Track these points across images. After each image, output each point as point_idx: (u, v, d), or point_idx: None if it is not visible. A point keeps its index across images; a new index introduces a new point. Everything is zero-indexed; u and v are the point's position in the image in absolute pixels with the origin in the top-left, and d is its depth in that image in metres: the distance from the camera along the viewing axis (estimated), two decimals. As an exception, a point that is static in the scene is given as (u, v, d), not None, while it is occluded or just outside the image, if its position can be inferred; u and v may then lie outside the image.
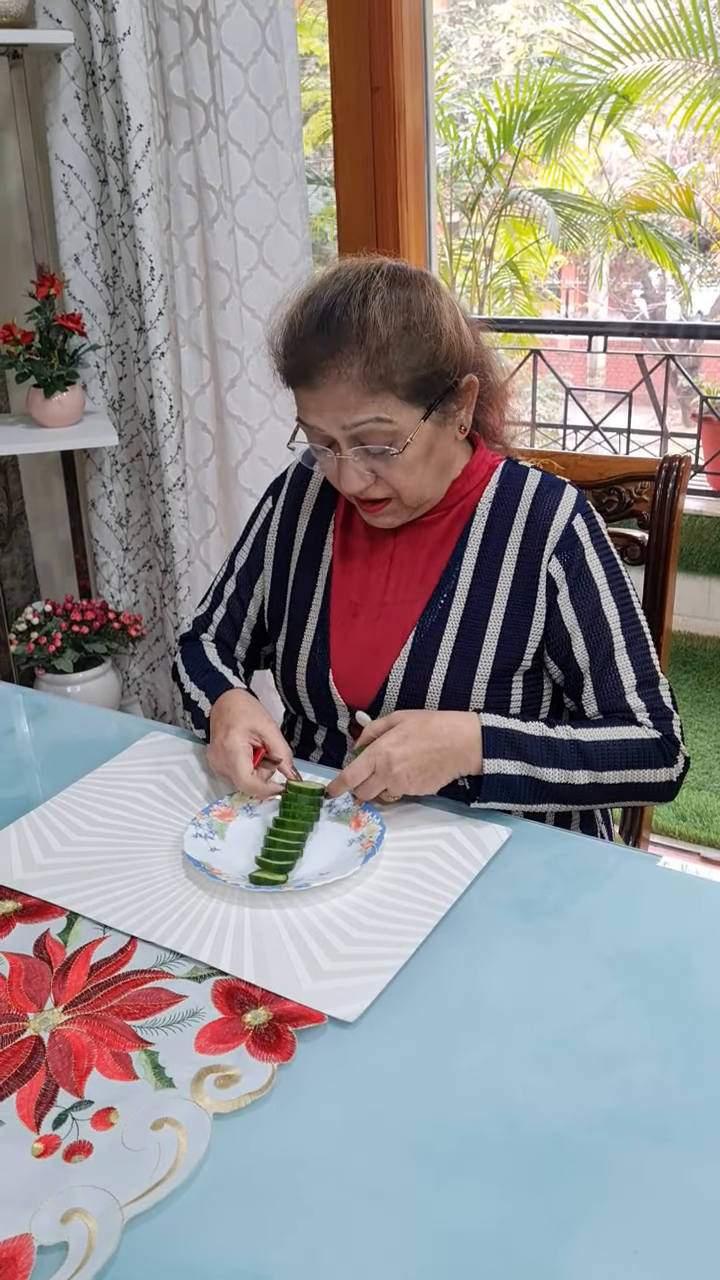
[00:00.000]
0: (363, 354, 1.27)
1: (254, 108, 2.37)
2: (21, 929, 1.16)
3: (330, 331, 1.28)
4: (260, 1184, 0.85)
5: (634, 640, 1.41)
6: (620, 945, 1.10)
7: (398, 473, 1.34)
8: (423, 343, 1.29)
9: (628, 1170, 0.85)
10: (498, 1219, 0.82)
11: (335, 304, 1.29)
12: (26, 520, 3.09)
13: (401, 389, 1.29)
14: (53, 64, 2.43)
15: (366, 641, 1.45)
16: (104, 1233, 0.81)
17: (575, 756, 1.33)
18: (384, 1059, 0.97)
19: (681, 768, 1.39)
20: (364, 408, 1.29)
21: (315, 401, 1.32)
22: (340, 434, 1.32)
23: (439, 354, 1.31)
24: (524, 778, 1.31)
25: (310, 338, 1.30)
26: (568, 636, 1.40)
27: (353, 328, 1.27)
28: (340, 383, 1.29)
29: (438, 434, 1.36)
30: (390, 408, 1.30)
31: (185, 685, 1.55)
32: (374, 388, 1.28)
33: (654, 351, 7.16)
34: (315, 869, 1.23)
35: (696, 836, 3.26)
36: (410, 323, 1.29)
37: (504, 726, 1.32)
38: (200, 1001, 1.04)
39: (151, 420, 2.54)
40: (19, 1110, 0.93)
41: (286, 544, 1.57)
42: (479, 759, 1.30)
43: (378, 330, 1.27)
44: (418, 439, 1.33)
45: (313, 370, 1.30)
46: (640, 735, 1.37)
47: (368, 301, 1.28)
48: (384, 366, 1.27)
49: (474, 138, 7.72)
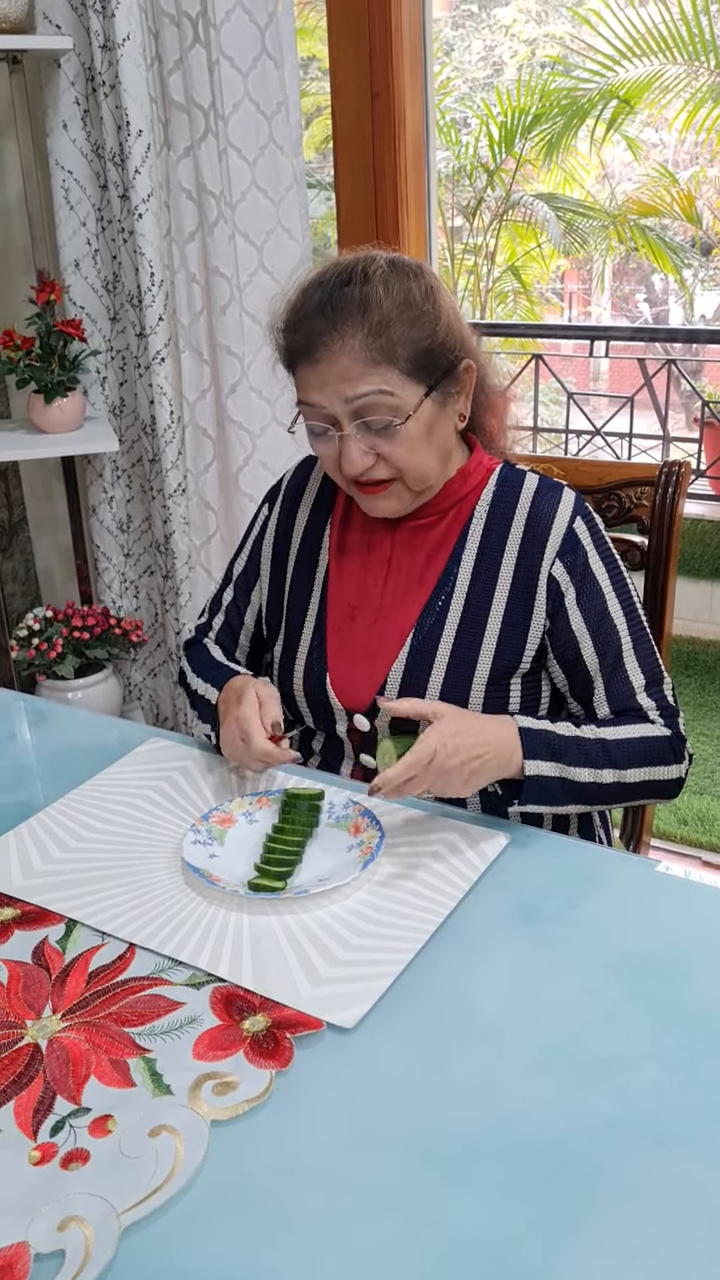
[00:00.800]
0: (365, 326, 1.29)
1: (254, 113, 2.37)
2: (20, 936, 1.16)
3: (333, 307, 1.31)
4: (258, 1191, 0.85)
5: (640, 640, 1.42)
6: (619, 950, 1.09)
7: (400, 450, 1.35)
8: (424, 318, 1.32)
9: (626, 1176, 0.85)
10: (496, 1225, 0.81)
11: (337, 282, 1.33)
12: (28, 526, 3.09)
13: (403, 362, 1.31)
14: (52, 69, 2.43)
15: (364, 645, 1.45)
16: (101, 1240, 0.81)
17: (602, 756, 1.33)
18: (382, 1065, 0.97)
19: (687, 763, 1.41)
20: (366, 379, 1.30)
21: (317, 376, 1.33)
22: (342, 409, 1.33)
23: (439, 329, 1.33)
24: (559, 779, 1.31)
25: (313, 313, 1.33)
26: (575, 640, 1.40)
27: (355, 302, 1.30)
28: (342, 355, 1.30)
29: (438, 415, 1.37)
30: (392, 380, 1.31)
31: (191, 683, 1.55)
32: (376, 359, 1.30)
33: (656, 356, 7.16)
34: (314, 875, 1.23)
35: (698, 841, 3.25)
36: (411, 299, 1.32)
37: (539, 727, 1.32)
38: (198, 1008, 1.04)
39: (152, 426, 2.54)
40: (16, 1118, 0.93)
41: (283, 549, 1.57)
42: (519, 761, 1.30)
43: (380, 304, 1.29)
44: (419, 415, 1.34)
45: (315, 344, 1.32)
46: (656, 733, 1.38)
47: (369, 279, 1.31)
48: (386, 339, 1.29)
49: (476, 142, 7.73)
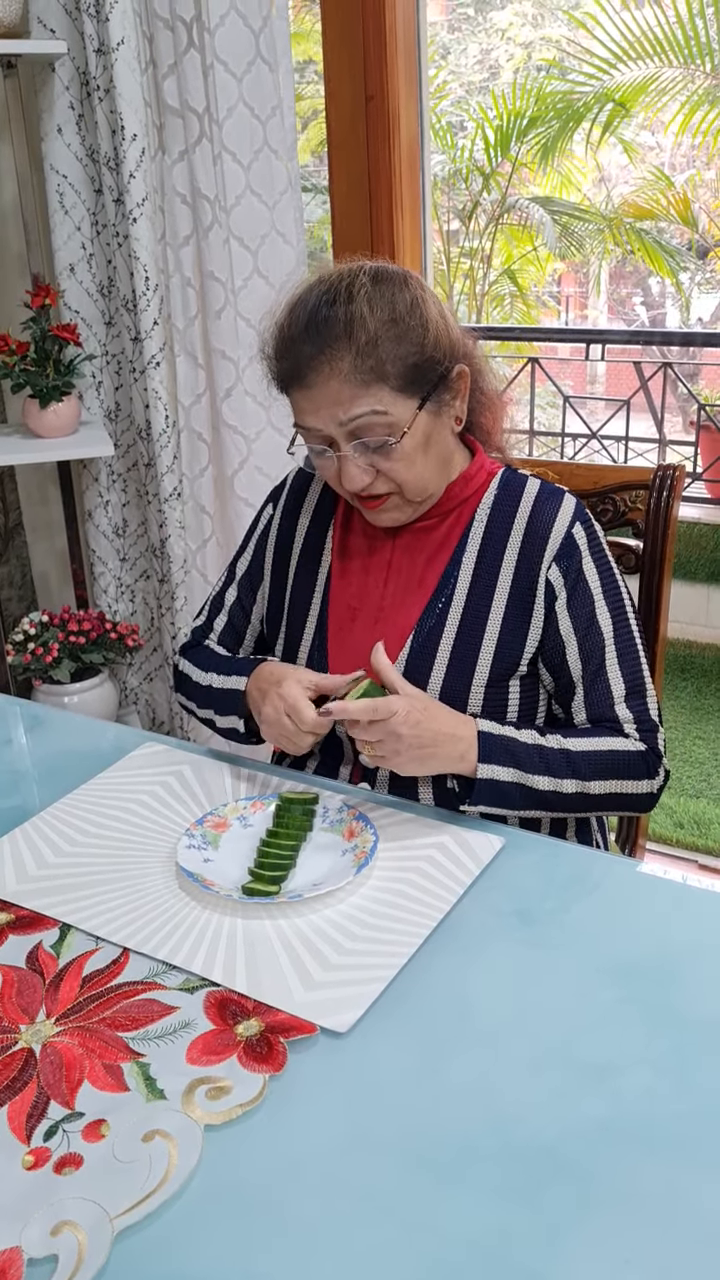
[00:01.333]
0: (352, 348, 1.29)
1: (248, 117, 2.38)
2: (14, 941, 1.15)
3: (319, 330, 1.30)
4: (251, 1195, 0.85)
5: (626, 650, 1.41)
6: (613, 954, 1.09)
7: (398, 465, 1.35)
8: (410, 332, 1.31)
9: (620, 1179, 0.85)
10: (490, 1228, 0.81)
11: (321, 304, 1.32)
12: (23, 530, 3.09)
13: (394, 379, 1.31)
14: (47, 74, 2.44)
15: (364, 646, 1.45)
16: (94, 1245, 0.81)
17: (564, 766, 1.34)
18: (376, 1069, 0.97)
19: (662, 780, 1.41)
20: (358, 401, 1.30)
21: (310, 401, 1.33)
22: (337, 431, 1.33)
23: (427, 343, 1.32)
24: (515, 784, 1.32)
25: (299, 338, 1.32)
26: (562, 644, 1.40)
27: (340, 324, 1.29)
28: (333, 378, 1.30)
29: (434, 424, 1.37)
30: (384, 399, 1.31)
31: (202, 681, 1.53)
32: (366, 380, 1.30)
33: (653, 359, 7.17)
34: (308, 879, 1.23)
35: (694, 844, 3.25)
36: (396, 314, 1.31)
37: (499, 733, 1.33)
38: (192, 1013, 1.03)
39: (147, 430, 2.54)
40: (10, 1122, 0.92)
41: (285, 549, 1.57)
42: (474, 760, 1.31)
43: (365, 324, 1.29)
44: (415, 429, 1.34)
45: (305, 369, 1.32)
46: (627, 747, 1.38)
47: (353, 298, 1.30)
48: (374, 358, 1.29)
49: (471, 145, 7.74)
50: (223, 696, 1.49)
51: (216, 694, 1.50)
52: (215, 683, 1.51)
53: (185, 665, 1.60)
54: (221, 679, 1.50)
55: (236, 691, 1.47)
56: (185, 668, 1.60)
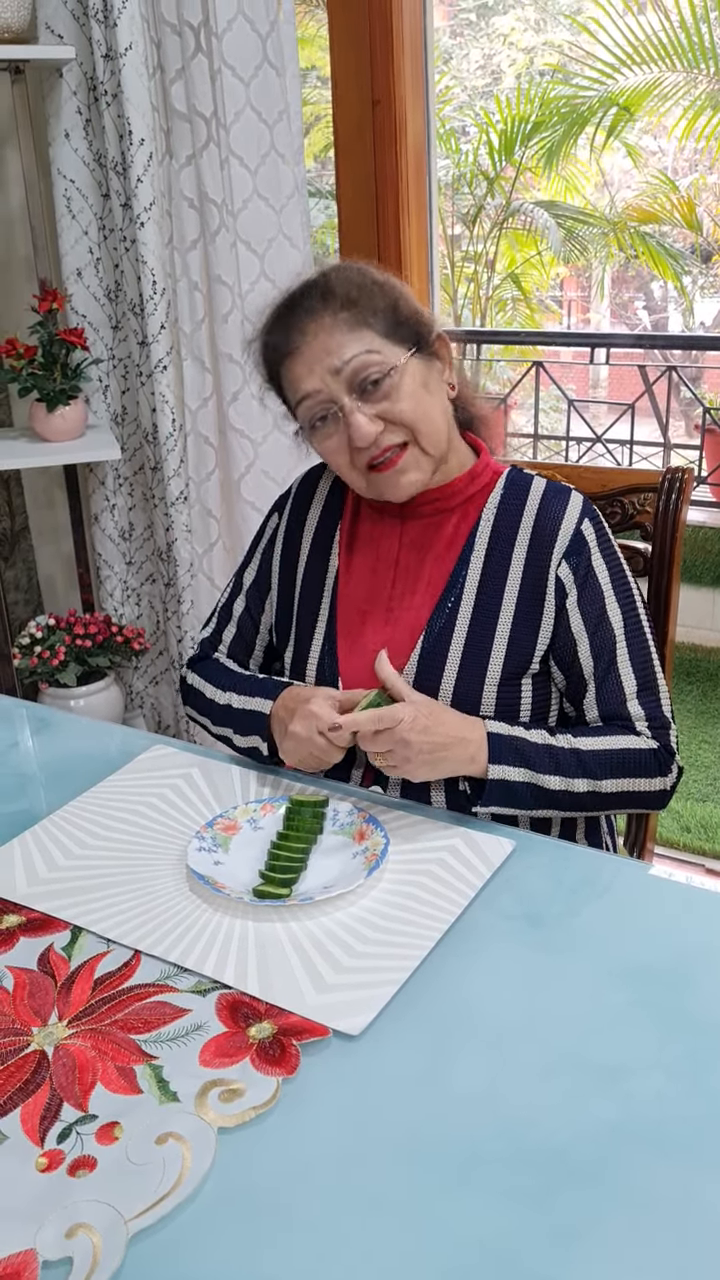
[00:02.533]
0: (333, 304, 1.38)
1: (255, 121, 2.38)
2: (25, 943, 1.16)
3: (298, 303, 1.40)
4: (265, 1198, 0.85)
5: (636, 646, 1.42)
6: (624, 957, 1.09)
7: (404, 405, 1.37)
8: (383, 292, 1.41)
9: (631, 1183, 0.85)
10: (502, 1232, 0.81)
11: (297, 289, 1.42)
12: (30, 534, 3.10)
13: (378, 325, 1.38)
14: (55, 79, 2.44)
15: (375, 647, 1.45)
16: (109, 1247, 0.81)
17: (575, 765, 1.34)
18: (388, 1072, 0.97)
19: (675, 777, 1.41)
20: (348, 344, 1.36)
21: (303, 362, 1.38)
22: (335, 383, 1.36)
23: (400, 303, 1.40)
24: (526, 784, 1.32)
25: (281, 315, 1.42)
26: (574, 641, 1.41)
27: (317, 292, 1.39)
28: (319, 333, 1.37)
29: (429, 373, 1.42)
30: (374, 341, 1.37)
31: (219, 699, 1.52)
32: (352, 325, 1.37)
33: (656, 363, 7.17)
34: (319, 882, 1.23)
35: (701, 848, 3.25)
36: (372, 280, 1.42)
37: (508, 733, 1.33)
38: (204, 1015, 1.04)
39: (154, 434, 2.54)
40: (23, 1125, 0.93)
41: (292, 556, 1.57)
42: (484, 761, 1.31)
43: (341, 287, 1.40)
44: (409, 370, 1.38)
45: (292, 333, 1.39)
46: (638, 745, 1.38)
47: (325, 276, 1.42)
48: (358, 309, 1.38)
49: (475, 150, 7.75)
50: (244, 717, 1.47)
51: (237, 714, 1.48)
52: (235, 702, 1.49)
53: (195, 680, 1.59)
54: (242, 699, 1.48)
55: (260, 714, 1.44)
56: (196, 682, 1.59)
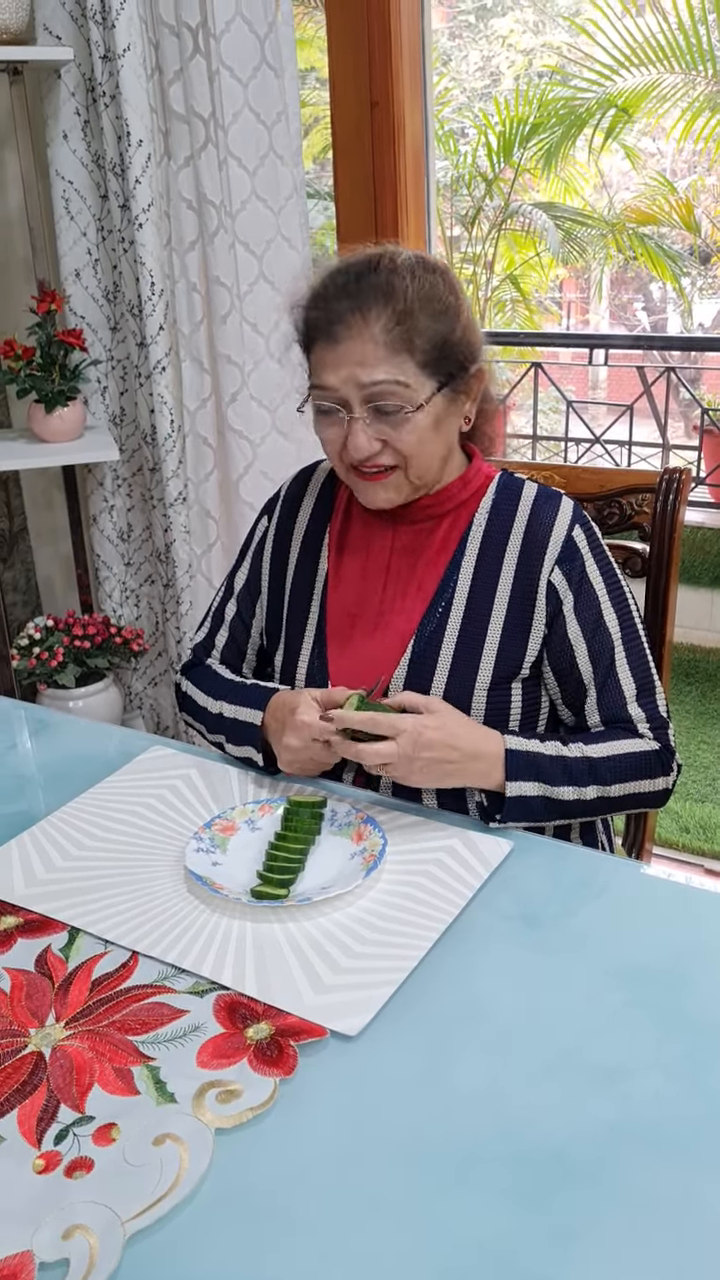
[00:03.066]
0: (389, 311, 1.31)
1: (254, 123, 2.38)
2: (23, 944, 1.16)
3: (359, 289, 1.33)
4: (262, 1199, 0.85)
5: (633, 649, 1.42)
6: (622, 957, 1.09)
7: (409, 438, 1.35)
8: (446, 313, 1.34)
9: (630, 1183, 0.85)
10: (500, 1233, 0.81)
11: (366, 268, 1.35)
12: (28, 535, 3.10)
13: (420, 354, 1.33)
14: (53, 80, 2.44)
15: (365, 651, 1.45)
16: (105, 1249, 0.81)
17: (586, 773, 1.34)
18: (386, 1073, 0.97)
19: (675, 775, 1.42)
20: (382, 366, 1.32)
21: (335, 356, 1.34)
22: (354, 393, 1.34)
23: (457, 330, 1.35)
24: (541, 798, 1.32)
25: (338, 293, 1.34)
26: (571, 648, 1.40)
27: (380, 287, 1.32)
28: (362, 339, 1.32)
29: (447, 412, 1.39)
30: (408, 371, 1.33)
31: (211, 707, 1.51)
32: (395, 347, 1.31)
33: (655, 364, 7.17)
34: (317, 883, 1.23)
35: (700, 849, 3.25)
36: (436, 292, 1.34)
37: (526, 749, 1.33)
38: (202, 1016, 1.03)
39: (153, 435, 2.54)
40: (20, 1126, 0.92)
41: (282, 558, 1.57)
42: (499, 778, 1.31)
43: (405, 292, 1.32)
44: (430, 407, 1.35)
45: (336, 324, 1.33)
46: (643, 747, 1.38)
47: (396, 268, 1.33)
48: (406, 330, 1.31)
49: (474, 152, 7.74)
50: (235, 727, 1.46)
51: (228, 724, 1.48)
52: (226, 711, 1.49)
53: (189, 687, 1.59)
54: (233, 709, 1.48)
55: (252, 726, 1.44)
56: (189, 689, 1.59)
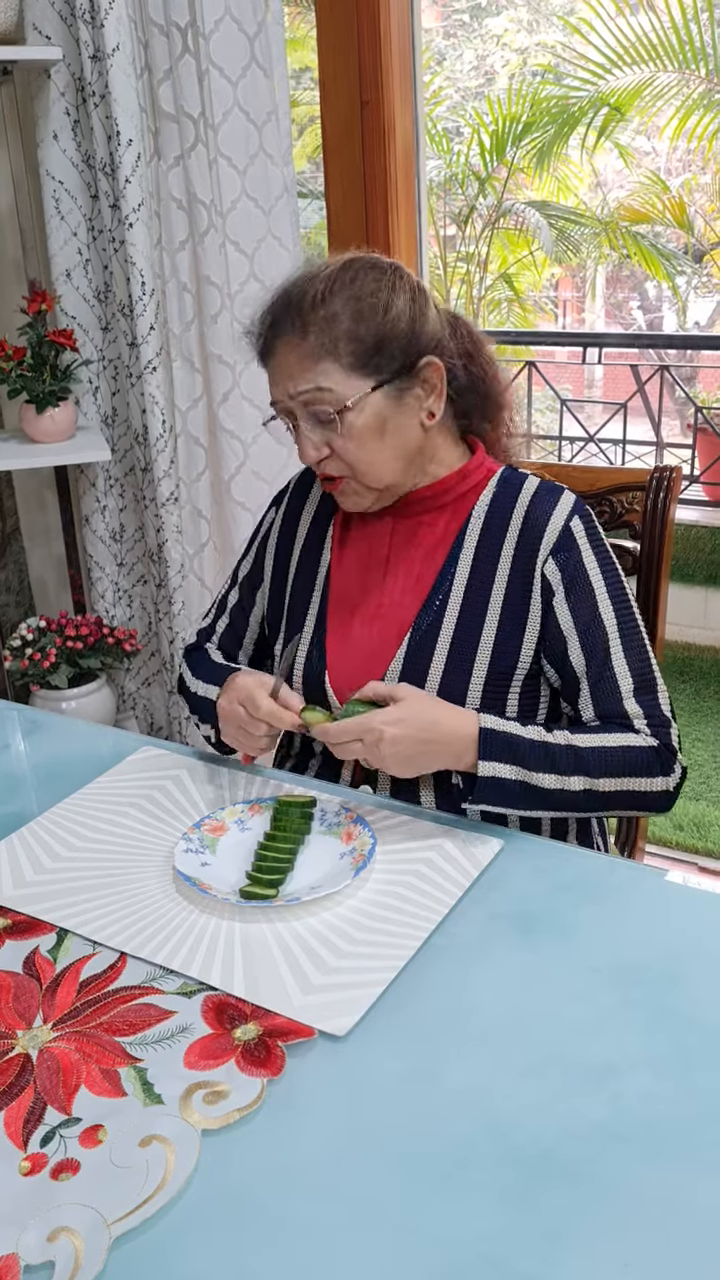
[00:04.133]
0: (313, 323, 1.34)
1: (244, 122, 2.38)
2: (11, 946, 1.15)
3: (288, 306, 1.37)
4: (249, 1200, 0.85)
5: (631, 644, 1.40)
6: (612, 956, 1.09)
7: (348, 445, 1.37)
8: (369, 313, 1.35)
9: (620, 1183, 0.84)
10: (489, 1232, 0.81)
11: (296, 286, 1.39)
12: (20, 536, 3.09)
13: (345, 357, 1.34)
14: (42, 80, 2.44)
15: (362, 643, 1.45)
16: (91, 1251, 0.80)
17: (571, 762, 1.31)
18: (374, 1073, 0.96)
19: (679, 777, 1.38)
20: (306, 375, 1.35)
21: (272, 372, 1.40)
22: (290, 404, 1.38)
23: (387, 329, 1.35)
24: (518, 782, 1.30)
25: (267, 313, 1.40)
26: (564, 639, 1.39)
27: (305, 299, 1.36)
28: (289, 352, 1.36)
29: (393, 410, 1.38)
30: (333, 376, 1.34)
31: (191, 686, 1.55)
32: (319, 355, 1.34)
33: (650, 362, 7.18)
34: (306, 883, 1.22)
35: (694, 846, 3.25)
36: (359, 294, 1.35)
37: (502, 729, 1.31)
38: (190, 1017, 1.03)
39: (144, 435, 2.54)
40: (6, 1129, 0.92)
41: (286, 549, 1.58)
42: (472, 759, 1.29)
43: (329, 303, 1.34)
44: (364, 409, 1.36)
45: (270, 341, 1.39)
46: (638, 743, 1.35)
47: (324, 279, 1.37)
48: (330, 335, 1.34)
49: (468, 151, 7.74)
50: (201, 704, 1.51)
51: (199, 701, 1.52)
52: (200, 690, 1.53)
53: (184, 668, 1.62)
54: (205, 687, 1.52)
55: (209, 700, 1.48)
56: (184, 670, 1.61)
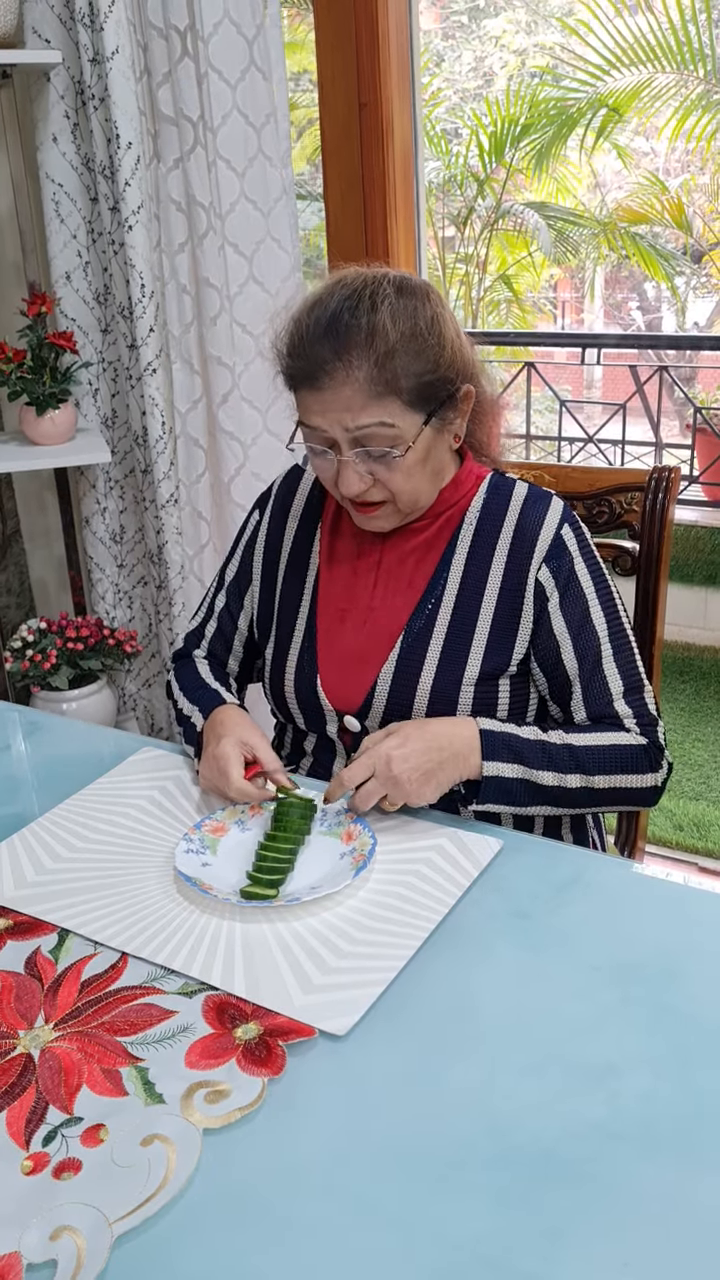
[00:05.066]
0: (370, 357, 1.29)
1: (242, 125, 2.38)
2: (12, 946, 1.16)
3: (339, 335, 1.30)
4: (250, 1199, 0.85)
5: (620, 648, 1.42)
6: (612, 955, 1.09)
7: (397, 476, 1.35)
8: (428, 349, 1.32)
9: (619, 1182, 0.85)
10: (489, 1231, 0.81)
11: (344, 309, 1.31)
12: (21, 538, 3.10)
13: (406, 394, 1.31)
14: (42, 83, 2.44)
15: (354, 647, 1.46)
16: (93, 1250, 0.81)
17: (568, 760, 1.34)
18: (375, 1072, 0.97)
19: (665, 773, 1.41)
20: (368, 411, 1.31)
21: (320, 403, 1.33)
22: (343, 436, 1.33)
23: (442, 361, 1.33)
24: (520, 780, 1.32)
25: (318, 340, 1.31)
26: (557, 644, 1.41)
27: (361, 332, 1.29)
28: (346, 385, 1.30)
29: (435, 440, 1.38)
30: (394, 412, 1.31)
31: (179, 701, 1.55)
32: (379, 391, 1.30)
33: (649, 363, 7.18)
34: (306, 883, 1.23)
35: (694, 846, 3.25)
36: (417, 329, 1.31)
37: (500, 730, 1.33)
38: (191, 1017, 1.04)
39: (144, 437, 2.54)
40: (8, 1128, 0.93)
41: (274, 554, 1.58)
42: (478, 761, 1.31)
43: (386, 335, 1.29)
44: (418, 444, 1.34)
45: (319, 372, 1.31)
46: (629, 741, 1.38)
47: (376, 307, 1.30)
48: (390, 371, 1.29)
49: (466, 152, 7.75)
50: (186, 724, 1.51)
51: (183, 719, 1.52)
52: (184, 708, 1.53)
53: (172, 676, 1.62)
54: (189, 707, 1.52)
55: (194, 727, 1.48)
56: (172, 679, 1.62)
